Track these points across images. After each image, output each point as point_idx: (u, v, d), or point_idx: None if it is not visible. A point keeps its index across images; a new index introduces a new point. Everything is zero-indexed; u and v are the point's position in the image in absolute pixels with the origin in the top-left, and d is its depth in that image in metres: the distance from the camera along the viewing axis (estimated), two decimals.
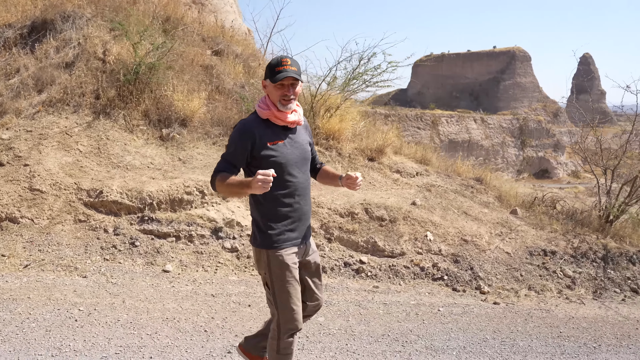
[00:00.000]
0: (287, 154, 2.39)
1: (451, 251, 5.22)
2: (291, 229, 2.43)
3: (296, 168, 2.43)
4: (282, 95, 2.33)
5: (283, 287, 2.38)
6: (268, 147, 2.34)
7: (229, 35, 8.42)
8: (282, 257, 2.38)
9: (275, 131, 2.39)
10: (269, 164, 2.30)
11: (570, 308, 4.68)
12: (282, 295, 2.39)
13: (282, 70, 2.31)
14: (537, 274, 5.18)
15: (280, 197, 2.38)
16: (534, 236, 5.68)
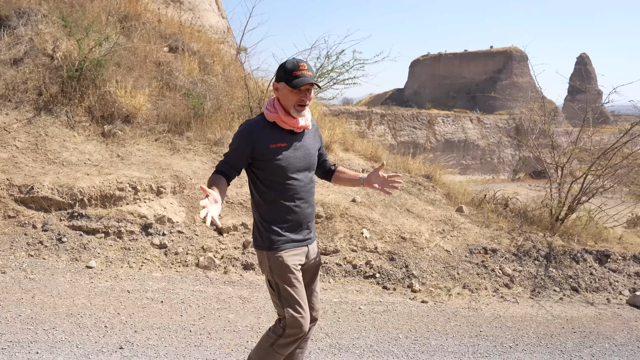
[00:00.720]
0: (289, 157, 2.34)
1: (387, 249, 5.14)
2: (292, 231, 2.39)
3: (298, 172, 2.38)
4: (299, 101, 2.29)
5: (286, 289, 2.35)
6: (270, 149, 2.30)
7: (188, 32, 8.37)
8: (283, 259, 2.34)
9: (279, 134, 2.34)
10: (269, 166, 2.31)
11: (501, 307, 4.59)
12: (288, 297, 2.35)
13: (301, 75, 2.25)
14: (475, 272, 5.09)
15: (281, 199, 2.35)
16: (477, 234, 5.59)
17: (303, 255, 2.44)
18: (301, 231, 2.42)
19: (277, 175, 2.33)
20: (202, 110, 6.06)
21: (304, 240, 2.45)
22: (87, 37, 6.11)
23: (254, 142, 2.28)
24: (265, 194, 2.35)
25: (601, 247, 5.82)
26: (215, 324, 3.72)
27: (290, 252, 2.37)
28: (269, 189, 2.35)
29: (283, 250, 2.35)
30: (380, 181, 2.58)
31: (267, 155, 2.29)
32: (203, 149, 5.82)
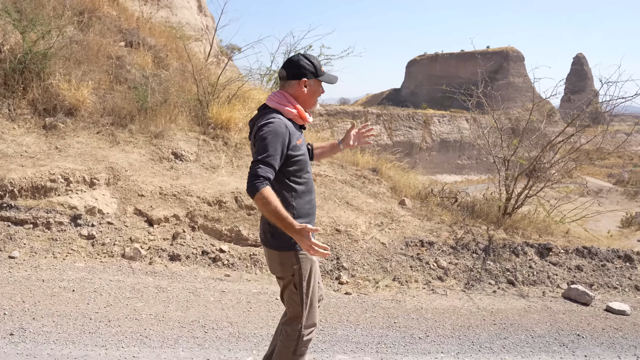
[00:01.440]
0: (305, 152, 2.42)
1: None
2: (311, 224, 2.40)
3: (309, 165, 2.47)
4: (319, 95, 2.42)
5: (311, 285, 2.37)
6: (297, 146, 2.32)
7: (147, 27, 8.37)
8: (311, 256, 2.34)
9: (297, 129, 2.38)
10: (297, 163, 2.32)
11: (427, 299, 4.53)
12: (310, 293, 2.37)
13: (325, 72, 2.38)
14: (408, 265, 5.04)
15: (305, 195, 2.39)
16: (416, 227, 5.54)
17: None
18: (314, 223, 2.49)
19: (302, 170, 2.37)
20: (146, 104, 6.05)
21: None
22: (34, 30, 6.11)
23: (289, 139, 2.26)
24: (293, 189, 2.34)
25: (544, 241, 5.75)
26: (120, 312, 3.69)
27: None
28: (297, 184, 2.35)
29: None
30: (356, 139, 2.74)
31: (296, 152, 2.30)
32: (143, 142, 5.80)
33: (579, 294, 4.89)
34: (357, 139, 2.75)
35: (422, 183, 6.53)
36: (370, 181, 6.11)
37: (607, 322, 4.41)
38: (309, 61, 2.34)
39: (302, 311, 2.37)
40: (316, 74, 2.35)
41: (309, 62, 2.33)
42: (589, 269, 5.48)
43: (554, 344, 3.86)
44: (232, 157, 5.85)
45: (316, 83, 2.36)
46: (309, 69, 2.33)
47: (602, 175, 44.53)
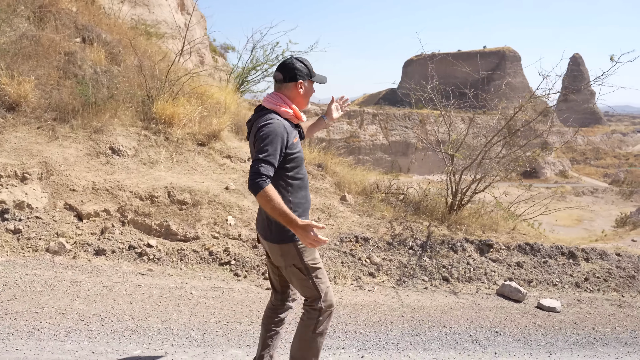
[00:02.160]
0: (301, 150, 2.56)
1: (252, 236, 5.03)
2: (307, 217, 2.57)
3: (304, 162, 2.62)
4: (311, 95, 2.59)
5: (318, 272, 2.54)
6: (294, 144, 2.46)
7: (106, 23, 8.33)
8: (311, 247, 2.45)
9: (293, 128, 2.52)
10: (294, 161, 2.47)
11: (351, 295, 4.46)
12: (321, 278, 2.55)
13: (316, 73, 2.58)
14: (339, 260, 4.97)
15: (301, 190, 2.55)
16: (353, 223, 5.47)
17: None
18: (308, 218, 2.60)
19: (297, 168, 2.50)
20: (90, 99, 6.01)
21: None
22: None
23: (287, 138, 2.39)
24: (290, 186, 2.48)
25: (487, 237, 5.67)
26: (22, 305, 3.64)
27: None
28: (294, 181, 2.50)
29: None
30: (336, 109, 2.95)
31: (293, 150, 2.45)
32: (82, 137, 5.76)
33: (511, 290, 4.80)
34: (337, 110, 2.96)
35: (368, 179, 6.45)
36: (314, 177, 6.04)
37: (532, 319, 4.33)
38: (303, 64, 2.52)
39: (319, 292, 2.54)
40: (310, 76, 2.54)
41: (303, 64, 2.52)
42: (529, 265, 5.39)
43: (467, 340, 3.78)
44: (173, 152, 5.80)
45: (310, 84, 2.55)
46: (303, 71, 2.51)
47: (598, 175, 44.21)
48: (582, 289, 5.25)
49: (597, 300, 5.01)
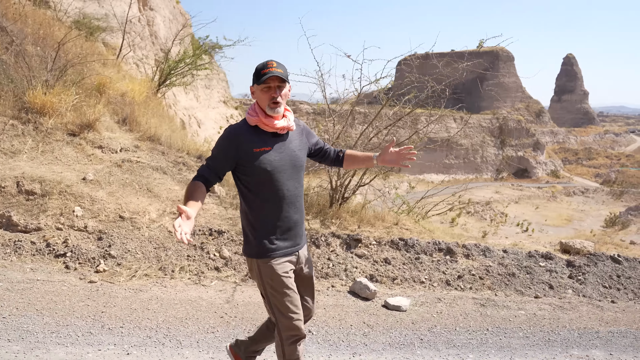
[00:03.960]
0: (274, 161, 2.30)
1: (99, 228, 4.82)
2: (281, 239, 2.35)
3: (285, 176, 2.34)
4: (270, 98, 2.27)
5: (278, 296, 2.34)
6: (253, 153, 2.26)
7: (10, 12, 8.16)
8: (273, 267, 2.32)
9: (263, 138, 2.32)
10: (255, 171, 2.27)
11: (178, 290, 4.21)
12: (278, 304, 2.35)
13: (268, 72, 2.25)
14: (186, 254, 4.73)
15: (268, 206, 2.32)
16: (214, 215, 5.23)
17: (294, 262, 2.43)
18: (290, 237, 2.39)
19: (263, 181, 2.28)
20: None
21: (294, 246, 2.42)
22: None
23: (238, 145, 2.25)
24: (252, 201, 2.32)
25: (359, 232, 5.40)
26: None
27: (280, 260, 2.34)
28: (256, 196, 2.31)
29: (273, 258, 2.32)
30: (393, 157, 2.55)
31: (251, 160, 2.25)
32: None
33: (361, 288, 4.53)
34: (395, 157, 2.55)
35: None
36: (189, 168, 5.81)
37: (367, 318, 4.05)
38: (256, 67, 2.32)
39: (275, 319, 2.39)
40: (254, 80, 2.31)
41: (256, 68, 2.32)
42: (399, 262, 5.11)
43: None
44: (40, 142, 5.61)
45: (258, 89, 2.31)
46: (254, 75, 2.31)
47: (590, 175, 43.52)
48: (452, 287, 4.96)
49: (462, 299, 4.72)
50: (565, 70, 67.17)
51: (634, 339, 4.21)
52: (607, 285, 5.36)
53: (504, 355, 3.67)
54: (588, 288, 5.25)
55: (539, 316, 4.51)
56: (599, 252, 5.81)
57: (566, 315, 4.61)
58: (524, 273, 5.30)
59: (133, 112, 6.41)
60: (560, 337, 4.10)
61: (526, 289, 5.10)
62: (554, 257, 5.63)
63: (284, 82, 2.29)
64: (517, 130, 46.80)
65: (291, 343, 2.39)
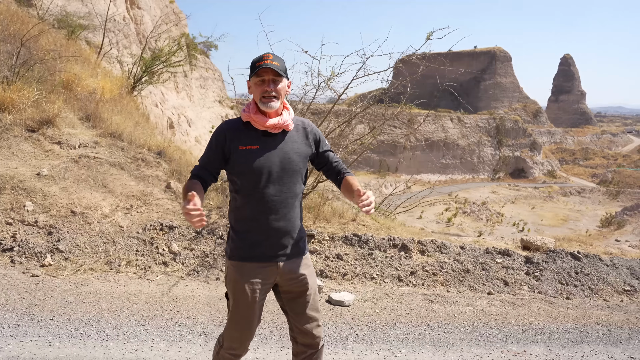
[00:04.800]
0: (260, 161, 2.13)
1: (50, 222, 4.83)
2: (256, 244, 2.17)
3: (268, 178, 2.15)
4: (262, 92, 2.12)
5: (234, 304, 2.19)
6: (238, 151, 2.14)
7: None
8: (237, 272, 2.18)
9: (253, 136, 2.17)
10: (238, 170, 2.16)
11: (122, 284, 4.22)
12: (233, 311, 2.21)
13: (262, 64, 2.11)
14: (135, 249, 4.73)
15: (247, 208, 2.17)
16: (166, 211, 5.23)
17: (272, 274, 2.21)
18: (268, 246, 2.18)
19: (245, 181, 2.15)
20: None
21: (273, 256, 2.19)
22: None
23: (225, 142, 2.16)
24: (235, 199, 2.22)
25: (313, 227, 5.39)
26: None
27: (248, 265, 2.17)
28: (238, 194, 2.19)
29: (239, 261, 2.18)
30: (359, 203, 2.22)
31: (235, 158, 2.14)
32: None
33: None
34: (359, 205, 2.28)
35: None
36: (147, 164, 5.82)
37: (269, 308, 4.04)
38: (253, 60, 2.19)
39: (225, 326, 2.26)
40: (250, 73, 2.17)
41: (252, 60, 2.18)
42: (351, 257, 5.10)
43: (191, 333, 3.52)
44: None
45: (252, 82, 2.16)
46: (250, 69, 2.17)
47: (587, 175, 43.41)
48: (403, 282, 4.95)
49: (412, 295, 4.71)
50: (562, 70, 67.22)
51: (578, 335, 4.19)
52: (564, 282, 5.34)
53: (438, 351, 3.65)
54: (544, 285, 5.23)
55: (487, 312, 4.50)
56: (559, 249, 5.78)
57: (515, 312, 4.59)
58: (479, 270, 5.29)
59: (97, 109, 6.43)
60: (502, 333, 4.08)
61: (480, 286, 5.09)
62: (512, 253, 5.61)
63: (280, 76, 2.14)
64: (514, 130, 46.77)
65: (229, 355, 2.26)
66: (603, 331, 4.33)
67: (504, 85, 58.87)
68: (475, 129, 44.16)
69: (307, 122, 2.36)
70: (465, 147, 42.97)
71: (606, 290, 5.32)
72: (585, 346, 4.00)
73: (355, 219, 5.78)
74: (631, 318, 4.68)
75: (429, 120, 41.75)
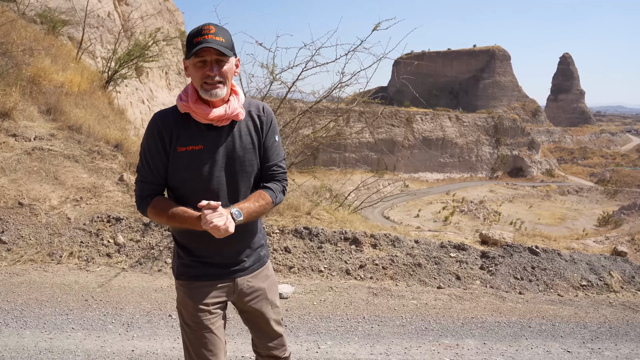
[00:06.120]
0: (204, 164, 1.75)
1: None
2: (204, 260, 1.83)
3: (216, 184, 1.78)
4: (203, 76, 1.69)
5: (188, 332, 1.85)
6: (176, 153, 1.73)
7: None
8: (187, 293, 1.84)
9: (193, 131, 1.75)
10: (177, 178, 1.77)
11: (60, 274, 4.22)
12: (187, 342, 1.86)
13: (202, 40, 1.66)
14: (80, 240, 4.73)
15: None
16: (117, 203, 5.22)
17: (225, 291, 1.88)
18: (219, 261, 1.84)
19: (187, 188, 1.77)
20: None
21: (225, 272, 1.86)
22: None
23: (162, 140, 1.73)
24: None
25: (263, 220, 5.36)
26: None
27: (200, 285, 1.83)
28: (179, 202, 1.76)
29: (189, 281, 1.84)
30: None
31: (174, 162, 1.74)
32: None
33: None
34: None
35: None
36: (103, 156, 5.82)
37: None
38: (189, 33, 1.73)
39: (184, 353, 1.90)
40: (188, 53, 1.71)
41: (188, 34, 1.73)
42: (299, 250, 5.07)
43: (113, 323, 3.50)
44: None
45: (191, 62, 1.71)
46: (186, 46, 1.73)
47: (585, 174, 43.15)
48: (351, 276, 4.92)
49: (357, 288, 4.67)
50: (561, 69, 67.11)
51: (519, 329, 4.14)
52: (519, 276, 5.28)
53: (366, 343, 3.62)
54: (497, 279, 5.18)
55: (430, 306, 4.45)
56: (517, 244, 5.72)
57: (460, 306, 4.54)
58: (431, 264, 5.24)
59: (59, 102, 6.43)
60: (439, 327, 4.03)
61: (431, 280, 5.04)
62: (468, 248, 5.55)
63: (225, 56, 1.70)
64: (513, 129, 46.59)
65: None
66: (547, 325, 4.28)
67: (503, 84, 58.66)
68: (474, 127, 44.01)
69: (263, 108, 1.91)
70: (464, 146, 42.82)
71: (562, 285, 5.26)
72: (523, 340, 3.95)
73: (310, 212, 5.75)
74: (580, 313, 4.62)
75: (427, 118, 41.62)
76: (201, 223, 1.61)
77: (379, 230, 5.69)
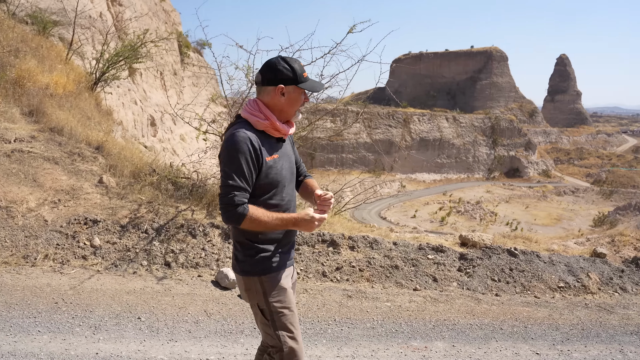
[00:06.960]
0: (281, 169, 2.12)
1: None
2: (284, 252, 2.18)
3: (288, 184, 2.18)
4: (301, 104, 2.12)
5: (284, 315, 2.13)
6: (267, 162, 2.04)
7: None
8: (280, 282, 2.14)
9: (271, 144, 2.10)
10: (264, 181, 2.05)
11: (33, 277, 4.23)
12: (287, 323, 2.13)
13: (309, 78, 2.09)
14: (55, 243, 4.74)
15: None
16: (95, 205, 5.23)
17: (292, 274, 2.28)
18: (290, 250, 2.23)
19: (270, 191, 2.08)
20: None
21: (292, 258, 2.28)
22: None
23: (259, 154, 2.01)
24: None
25: None
26: None
27: (285, 273, 2.18)
28: (263, 207, 2.04)
29: (279, 272, 2.15)
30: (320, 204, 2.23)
31: (264, 170, 2.04)
32: None
33: (222, 277, 4.52)
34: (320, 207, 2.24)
35: (155, 162, 6.20)
36: (83, 158, 5.83)
37: (209, 307, 4.03)
38: (288, 65, 2.04)
39: (280, 343, 2.12)
40: (296, 80, 2.04)
41: (288, 66, 2.04)
42: None
43: (81, 325, 3.52)
44: None
45: (296, 91, 2.06)
46: (287, 74, 2.03)
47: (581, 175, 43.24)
48: (328, 278, 4.93)
49: (332, 290, 4.69)
50: (558, 70, 67.32)
51: (490, 331, 4.16)
52: (496, 278, 5.30)
53: (333, 346, 3.63)
54: (475, 281, 5.20)
55: (404, 308, 4.47)
56: (496, 246, 5.74)
57: (434, 308, 4.56)
58: (409, 266, 5.25)
59: (41, 104, 6.45)
60: (410, 329, 4.05)
61: (407, 282, 5.05)
62: (446, 250, 5.57)
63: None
64: (509, 129, 46.69)
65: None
66: (519, 327, 4.29)
67: (500, 85, 58.72)
68: (471, 128, 44.08)
69: None
70: (461, 147, 42.88)
71: (539, 287, 5.28)
72: (493, 342, 3.97)
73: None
74: (554, 314, 4.64)
75: (424, 119, 41.59)
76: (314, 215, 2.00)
77: (358, 232, 5.71)
